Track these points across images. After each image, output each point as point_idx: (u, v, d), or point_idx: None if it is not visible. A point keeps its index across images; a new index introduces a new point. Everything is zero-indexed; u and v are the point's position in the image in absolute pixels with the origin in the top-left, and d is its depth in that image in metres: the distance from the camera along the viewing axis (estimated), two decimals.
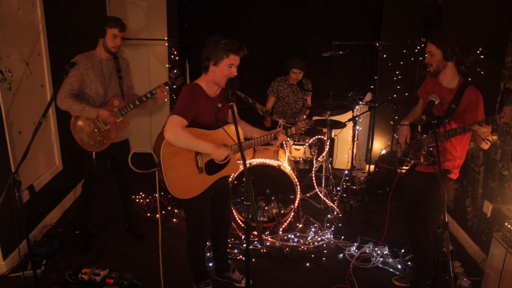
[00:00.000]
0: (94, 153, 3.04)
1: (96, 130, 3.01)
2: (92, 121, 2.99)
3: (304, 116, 2.64)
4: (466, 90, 2.39)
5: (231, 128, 2.39)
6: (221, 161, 2.43)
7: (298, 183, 3.60)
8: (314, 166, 4.10)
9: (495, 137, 2.38)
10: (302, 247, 3.43)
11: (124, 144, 3.31)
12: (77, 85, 2.90)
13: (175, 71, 3.22)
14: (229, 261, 3.03)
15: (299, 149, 3.97)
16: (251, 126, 2.70)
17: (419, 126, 2.52)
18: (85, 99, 2.96)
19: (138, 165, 2.41)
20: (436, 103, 2.35)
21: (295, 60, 4.18)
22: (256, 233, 3.48)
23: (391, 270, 3.14)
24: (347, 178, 4.27)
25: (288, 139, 3.97)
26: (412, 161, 2.63)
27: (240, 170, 3.52)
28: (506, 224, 2.59)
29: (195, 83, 2.39)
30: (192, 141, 2.28)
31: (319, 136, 4.04)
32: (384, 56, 4.34)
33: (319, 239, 3.53)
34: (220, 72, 2.31)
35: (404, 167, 2.73)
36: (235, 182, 3.62)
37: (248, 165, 3.50)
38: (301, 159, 4.03)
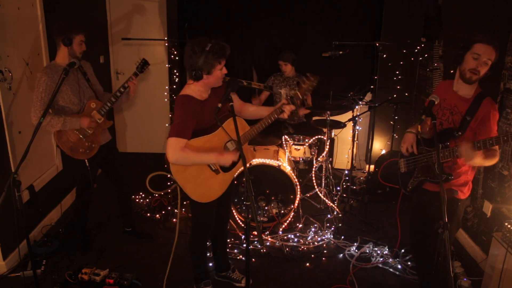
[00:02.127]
0: (86, 160, 2.98)
1: (81, 137, 2.94)
2: (76, 129, 2.93)
3: (308, 74, 2.43)
4: (483, 101, 2.19)
5: (232, 124, 2.34)
6: (229, 165, 2.43)
7: (298, 183, 3.60)
8: (314, 166, 4.10)
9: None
10: (302, 247, 3.43)
11: (112, 144, 3.28)
12: (48, 100, 2.73)
13: (140, 59, 3.08)
14: (229, 261, 3.04)
15: (299, 149, 3.97)
16: (256, 106, 2.66)
17: (419, 127, 2.48)
18: (62, 111, 2.88)
19: (154, 183, 2.41)
20: (436, 102, 2.22)
21: (282, 52, 4.24)
22: (256, 233, 3.48)
23: (391, 270, 3.14)
24: (347, 178, 4.27)
25: (289, 140, 3.97)
26: (421, 178, 2.42)
27: (240, 169, 3.51)
28: (506, 224, 2.59)
29: (185, 95, 2.35)
30: (195, 158, 2.30)
31: (319, 136, 4.04)
32: (384, 56, 4.34)
33: (319, 239, 3.53)
34: (215, 77, 2.31)
35: (409, 185, 2.52)
36: (235, 182, 3.61)
37: (248, 165, 3.50)
38: (301, 159, 4.02)
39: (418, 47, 4.58)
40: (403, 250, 3.27)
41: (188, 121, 2.29)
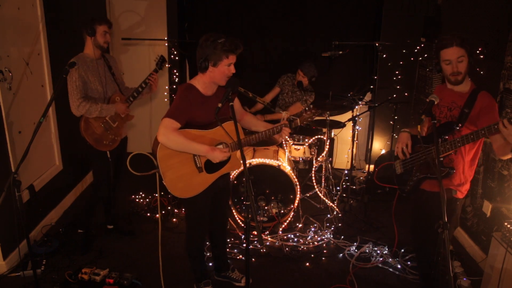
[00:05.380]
0: (108, 152, 3.09)
1: (106, 129, 3.06)
2: (102, 122, 3.04)
3: (311, 106, 2.54)
4: (479, 94, 2.22)
5: (230, 125, 2.37)
6: (215, 164, 2.43)
7: (298, 183, 3.60)
8: (314, 166, 4.10)
9: None
10: (302, 247, 3.43)
11: (125, 141, 3.37)
12: (83, 88, 2.93)
13: (158, 56, 3.31)
14: (228, 261, 3.04)
15: (298, 149, 3.98)
16: (256, 119, 2.70)
17: (419, 127, 2.49)
18: (90, 100, 2.99)
19: (137, 167, 2.41)
20: (436, 102, 2.22)
21: (306, 64, 4.13)
22: (256, 233, 3.49)
23: (390, 270, 3.15)
24: (347, 178, 4.27)
25: (288, 139, 3.97)
26: (420, 176, 2.40)
27: (240, 169, 3.52)
28: (506, 224, 2.59)
29: (189, 84, 2.38)
30: (185, 144, 2.28)
31: (319, 136, 4.04)
32: (384, 56, 4.34)
33: (318, 239, 3.53)
34: (220, 72, 2.30)
35: (407, 186, 2.50)
36: (235, 182, 3.62)
37: (248, 165, 3.50)
38: (300, 159, 4.03)
39: (418, 47, 4.58)
40: (402, 250, 3.28)
41: (184, 108, 2.30)
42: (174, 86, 4.59)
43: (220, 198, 2.73)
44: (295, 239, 3.52)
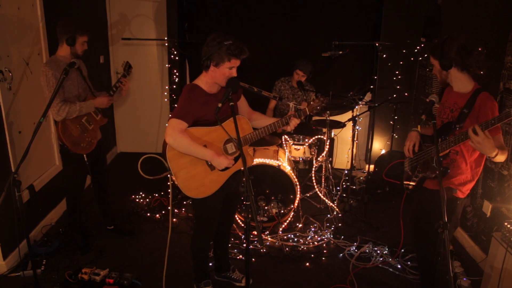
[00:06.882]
0: (85, 155, 3.05)
1: (83, 131, 3.03)
2: (78, 123, 3.00)
3: (318, 95, 2.51)
4: (480, 95, 2.24)
5: (233, 123, 2.35)
6: (221, 170, 2.42)
7: (298, 183, 3.60)
8: (314, 166, 4.10)
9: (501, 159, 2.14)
10: (302, 247, 3.43)
11: (102, 142, 3.32)
12: (61, 92, 2.87)
13: (124, 62, 3.33)
14: (229, 261, 3.04)
15: (298, 149, 3.98)
16: (264, 116, 2.69)
17: (419, 127, 2.50)
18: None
19: (146, 169, 2.40)
20: (435, 102, 2.24)
21: (303, 62, 4.09)
22: (256, 233, 3.49)
23: (391, 270, 3.15)
24: (347, 178, 4.27)
25: (288, 140, 3.97)
26: (420, 175, 2.43)
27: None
28: (506, 224, 2.59)
29: (194, 84, 2.38)
30: (191, 147, 2.28)
31: (319, 136, 4.04)
32: (384, 56, 4.34)
33: (318, 239, 3.53)
34: (220, 73, 2.30)
35: (411, 183, 2.52)
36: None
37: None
38: (300, 159, 4.03)
39: (418, 47, 4.58)
40: (403, 250, 3.27)
41: (190, 107, 2.30)
42: (174, 86, 4.59)
43: (231, 201, 2.73)
44: (295, 239, 3.52)
